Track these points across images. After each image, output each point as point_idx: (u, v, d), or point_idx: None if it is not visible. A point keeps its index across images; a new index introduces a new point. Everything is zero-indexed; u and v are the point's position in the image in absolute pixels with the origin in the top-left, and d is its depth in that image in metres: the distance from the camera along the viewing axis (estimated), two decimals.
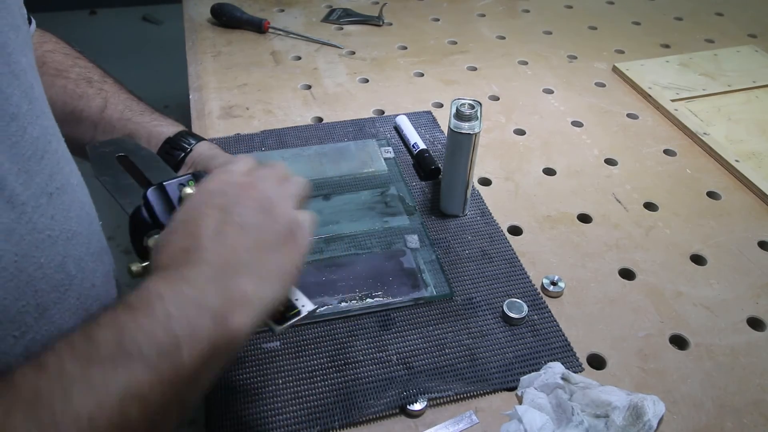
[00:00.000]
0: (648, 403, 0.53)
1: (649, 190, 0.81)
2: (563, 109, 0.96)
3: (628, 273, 0.70)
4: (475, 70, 1.06)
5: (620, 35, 1.17)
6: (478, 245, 0.72)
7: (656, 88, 0.99)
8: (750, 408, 0.57)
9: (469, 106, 0.70)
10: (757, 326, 0.65)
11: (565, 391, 0.54)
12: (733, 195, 0.81)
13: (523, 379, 0.57)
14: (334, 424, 0.54)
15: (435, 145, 0.87)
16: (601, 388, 0.54)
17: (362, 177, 0.81)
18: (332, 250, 0.70)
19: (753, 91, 1.01)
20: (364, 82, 1.01)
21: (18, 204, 0.36)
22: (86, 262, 0.42)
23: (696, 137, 0.90)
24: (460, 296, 0.66)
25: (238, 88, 0.98)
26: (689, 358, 0.61)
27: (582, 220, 0.77)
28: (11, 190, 0.36)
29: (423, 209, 0.77)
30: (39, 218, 0.37)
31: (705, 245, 0.74)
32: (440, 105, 0.97)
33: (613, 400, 0.53)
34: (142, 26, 2.95)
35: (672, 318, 0.65)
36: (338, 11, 1.20)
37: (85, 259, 0.42)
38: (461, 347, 0.61)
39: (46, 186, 0.38)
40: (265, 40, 1.12)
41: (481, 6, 1.26)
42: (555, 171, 0.84)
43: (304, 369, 0.59)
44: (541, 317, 0.64)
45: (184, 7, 1.21)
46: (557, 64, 1.08)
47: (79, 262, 0.41)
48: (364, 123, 0.91)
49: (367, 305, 0.64)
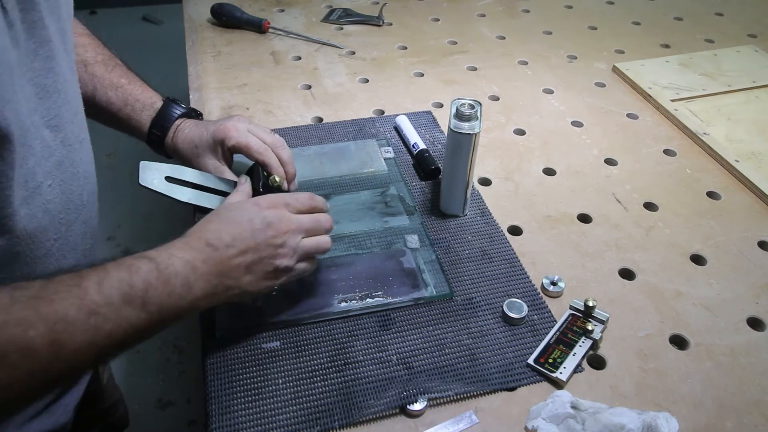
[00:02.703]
0: (661, 421, 0.52)
1: (649, 190, 0.81)
2: (563, 109, 0.96)
3: (628, 273, 0.70)
4: (475, 70, 1.06)
5: (620, 35, 1.17)
6: (478, 245, 0.72)
7: (656, 88, 0.99)
8: (750, 408, 0.57)
9: (469, 106, 0.70)
10: (757, 326, 0.65)
11: (577, 420, 0.54)
12: (733, 195, 0.81)
13: (532, 410, 0.56)
14: (334, 424, 0.54)
15: (435, 145, 0.87)
16: (611, 410, 0.54)
17: (362, 177, 0.81)
18: (332, 250, 0.70)
19: (753, 91, 1.01)
20: (364, 82, 1.01)
21: (67, 144, 0.53)
22: (92, 197, 0.59)
23: (696, 137, 0.90)
24: (460, 296, 0.66)
25: (238, 88, 0.98)
26: (689, 358, 0.61)
27: (582, 220, 0.77)
28: (65, 134, 0.53)
29: (423, 209, 0.77)
30: (76, 157, 0.55)
31: (705, 245, 0.74)
32: (440, 105, 0.97)
33: (626, 422, 0.52)
34: (142, 26, 2.95)
35: (672, 318, 0.65)
36: (338, 11, 1.20)
37: (92, 195, 0.59)
38: (461, 347, 0.61)
39: (78, 135, 0.55)
40: (265, 40, 1.12)
41: (481, 6, 1.26)
42: (555, 171, 0.84)
43: (304, 369, 0.59)
44: (541, 317, 0.64)
45: (184, 7, 1.21)
46: (557, 64, 1.08)
47: (90, 196, 0.58)
48: (364, 123, 0.91)
49: (367, 305, 0.64)
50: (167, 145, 0.72)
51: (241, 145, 0.67)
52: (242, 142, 0.67)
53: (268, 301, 0.63)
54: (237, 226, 0.54)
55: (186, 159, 0.71)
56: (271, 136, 0.69)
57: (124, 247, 1.87)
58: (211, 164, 0.69)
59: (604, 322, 0.62)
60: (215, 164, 0.69)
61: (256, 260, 0.54)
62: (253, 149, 0.67)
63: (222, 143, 0.68)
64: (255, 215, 0.55)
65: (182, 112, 0.73)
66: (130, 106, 0.71)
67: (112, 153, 2.14)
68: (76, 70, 0.58)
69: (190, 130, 0.71)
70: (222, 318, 0.62)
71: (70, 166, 0.54)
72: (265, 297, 0.63)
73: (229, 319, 0.62)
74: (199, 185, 0.67)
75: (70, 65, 0.55)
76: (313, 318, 0.63)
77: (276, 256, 0.55)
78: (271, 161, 0.67)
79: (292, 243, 0.56)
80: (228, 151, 0.69)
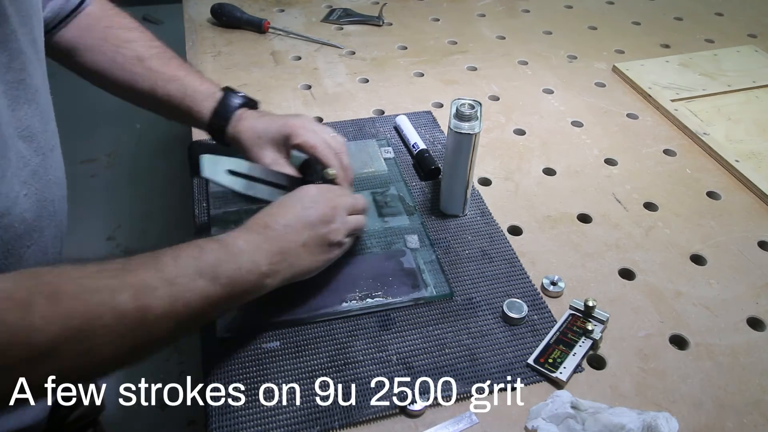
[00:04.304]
0: (661, 421, 0.52)
1: (649, 190, 0.81)
2: (563, 109, 0.96)
3: (628, 273, 0.70)
4: (475, 70, 1.06)
5: (620, 35, 1.17)
6: (478, 245, 0.72)
7: (656, 88, 0.99)
8: (750, 408, 0.57)
9: (469, 106, 0.70)
10: (757, 326, 0.65)
11: (577, 420, 0.53)
12: (733, 195, 0.81)
13: (532, 410, 0.56)
14: (334, 424, 0.54)
15: (435, 145, 0.87)
16: (611, 410, 0.54)
17: (362, 177, 0.81)
18: None
19: (753, 91, 1.01)
20: (364, 82, 1.01)
21: (40, 153, 0.55)
22: (62, 202, 0.61)
23: (696, 137, 0.90)
24: (460, 296, 0.66)
25: (238, 88, 0.98)
26: (689, 358, 0.61)
27: (582, 220, 0.77)
28: (38, 143, 0.54)
29: (423, 209, 0.77)
30: (48, 165, 0.56)
31: (705, 245, 0.74)
32: (440, 105, 0.97)
33: (626, 423, 0.52)
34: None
35: (672, 318, 0.65)
36: (338, 11, 1.20)
37: (62, 200, 0.61)
38: (461, 347, 0.61)
39: (49, 142, 0.57)
40: (265, 40, 1.12)
41: (481, 6, 1.26)
42: (555, 171, 0.84)
43: (304, 369, 0.59)
44: (541, 317, 0.64)
45: (184, 7, 1.21)
46: (557, 64, 1.08)
47: (61, 201, 0.60)
48: (364, 123, 0.91)
49: (367, 305, 0.64)
50: (228, 133, 0.73)
51: (308, 144, 0.68)
52: (309, 142, 0.68)
53: (268, 301, 0.63)
54: (291, 209, 0.59)
55: (246, 148, 0.72)
56: (335, 141, 0.71)
57: (124, 247, 1.87)
58: (271, 156, 0.70)
59: (604, 322, 0.62)
60: (275, 157, 0.70)
61: (312, 236, 0.59)
62: (319, 151, 0.68)
63: (287, 139, 0.69)
64: (305, 197, 0.61)
65: (242, 102, 0.74)
66: (190, 98, 0.73)
67: (112, 153, 2.14)
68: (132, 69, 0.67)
69: (256, 121, 0.72)
70: (222, 318, 0.62)
71: (44, 174, 0.56)
72: (265, 297, 0.63)
73: (229, 319, 0.62)
74: (258, 178, 0.69)
75: (42, 74, 0.57)
76: (313, 318, 0.63)
77: (329, 231, 0.60)
78: (332, 164, 0.69)
79: (341, 219, 0.62)
80: (291, 147, 0.70)
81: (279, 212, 0.59)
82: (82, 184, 2.05)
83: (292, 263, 0.57)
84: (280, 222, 0.58)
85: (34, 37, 0.55)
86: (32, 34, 0.54)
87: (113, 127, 2.27)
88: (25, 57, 0.52)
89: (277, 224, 0.57)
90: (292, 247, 0.57)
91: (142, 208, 1.96)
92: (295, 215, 0.59)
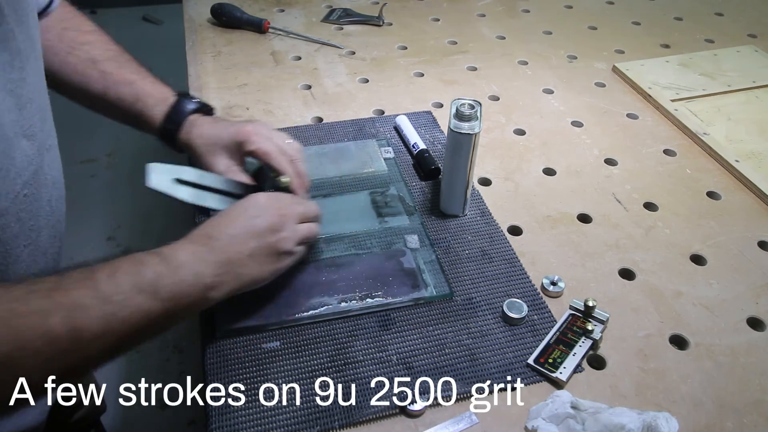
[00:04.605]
0: (661, 421, 0.52)
1: (649, 190, 0.81)
2: (563, 109, 0.96)
3: (628, 273, 0.70)
4: (475, 70, 1.06)
5: (620, 35, 1.17)
6: (478, 245, 0.72)
7: (656, 88, 0.99)
8: (750, 408, 0.57)
9: (469, 106, 0.70)
10: (757, 326, 0.65)
11: (577, 420, 0.54)
12: (733, 195, 0.81)
13: (532, 410, 0.56)
14: (334, 424, 0.54)
15: (435, 145, 0.87)
16: (611, 410, 0.54)
17: (362, 177, 0.81)
18: (332, 250, 0.70)
19: (753, 91, 1.01)
20: (364, 82, 1.01)
21: (42, 150, 0.55)
22: (59, 201, 0.60)
23: (696, 137, 0.90)
24: (460, 296, 0.66)
25: (238, 88, 0.98)
26: (689, 358, 0.61)
27: (582, 220, 0.77)
28: (40, 142, 0.55)
29: (423, 209, 0.77)
30: (46, 164, 0.56)
31: (705, 245, 0.74)
32: (440, 105, 0.97)
33: (626, 422, 0.52)
34: (142, 26, 2.95)
35: (672, 318, 0.65)
36: (338, 11, 1.20)
37: (59, 200, 0.60)
38: (461, 347, 0.61)
39: (47, 141, 0.57)
40: (265, 40, 1.12)
41: (481, 6, 1.26)
42: (555, 171, 0.84)
43: (304, 369, 0.59)
44: (541, 317, 0.64)
45: (184, 7, 1.21)
46: (557, 64, 1.08)
47: (58, 201, 0.60)
48: (364, 123, 0.91)
49: (367, 305, 0.64)
50: (180, 140, 0.72)
51: (261, 151, 0.67)
52: (263, 148, 0.67)
53: (268, 301, 0.63)
54: (237, 218, 0.57)
55: (198, 155, 0.71)
56: (290, 147, 0.70)
57: (124, 247, 1.87)
58: (224, 163, 0.69)
59: (604, 322, 0.62)
60: (228, 164, 0.69)
61: (260, 246, 0.57)
62: (272, 158, 0.67)
63: (241, 145, 0.68)
64: (252, 205, 0.59)
65: (195, 107, 0.73)
66: (142, 102, 0.71)
67: (112, 153, 2.14)
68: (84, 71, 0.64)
69: (208, 127, 0.71)
70: (222, 318, 0.62)
71: (42, 174, 0.56)
72: (265, 297, 0.63)
73: (229, 320, 0.62)
74: (207, 186, 0.67)
75: (39, 72, 0.56)
76: (313, 318, 0.63)
77: (278, 240, 0.58)
78: (287, 171, 0.68)
79: (291, 227, 0.60)
80: (245, 154, 0.69)
81: (224, 222, 0.57)
82: (82, 184, 2.05)
83: (239, 274, 0.55)
84: (225, 232, 0.56)
85: (31, 36, 0.55)
86: (29, 32, 0.54)
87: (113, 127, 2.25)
88: (23, 55, 0.52)
89: (222, 234, 0.55)
90: (239, 258, 0.55)
91: (142, 208, 1.96)
92: (241, 225, 0.57)
